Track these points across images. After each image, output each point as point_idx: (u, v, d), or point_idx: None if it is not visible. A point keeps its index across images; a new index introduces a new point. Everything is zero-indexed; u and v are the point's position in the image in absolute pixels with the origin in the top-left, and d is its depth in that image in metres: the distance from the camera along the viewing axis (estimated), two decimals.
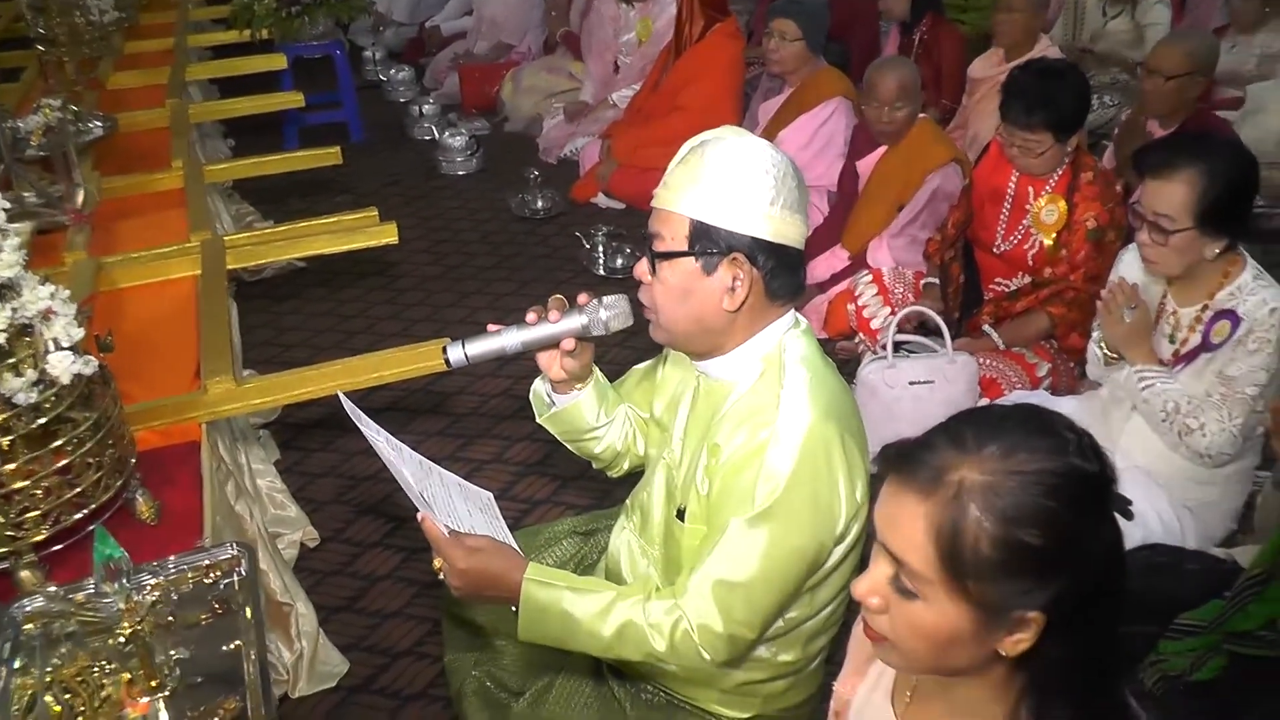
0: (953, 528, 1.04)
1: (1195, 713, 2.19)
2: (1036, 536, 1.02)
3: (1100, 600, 1.07)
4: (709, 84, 5.27)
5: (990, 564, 1.03)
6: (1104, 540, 1.06)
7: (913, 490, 1.07)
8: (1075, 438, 1.07)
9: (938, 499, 1.05)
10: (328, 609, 2.74)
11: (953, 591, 1.06)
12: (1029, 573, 1.03)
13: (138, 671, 1.46)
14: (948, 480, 1.05)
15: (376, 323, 4.34)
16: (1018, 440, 1.05)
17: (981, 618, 1.06)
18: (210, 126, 5.12)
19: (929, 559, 1.06)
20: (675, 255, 1.64)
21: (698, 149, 1.64)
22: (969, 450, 1.06)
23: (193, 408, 2.15)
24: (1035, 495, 1.02)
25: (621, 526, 1.98)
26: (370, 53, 7.57)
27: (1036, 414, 1.11)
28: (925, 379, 3.18)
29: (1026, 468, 1.03)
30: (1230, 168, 2.42)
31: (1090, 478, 1.05)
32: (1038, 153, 3.17)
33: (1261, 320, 2.44)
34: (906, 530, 1.07)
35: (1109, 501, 1.07)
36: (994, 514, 1.03)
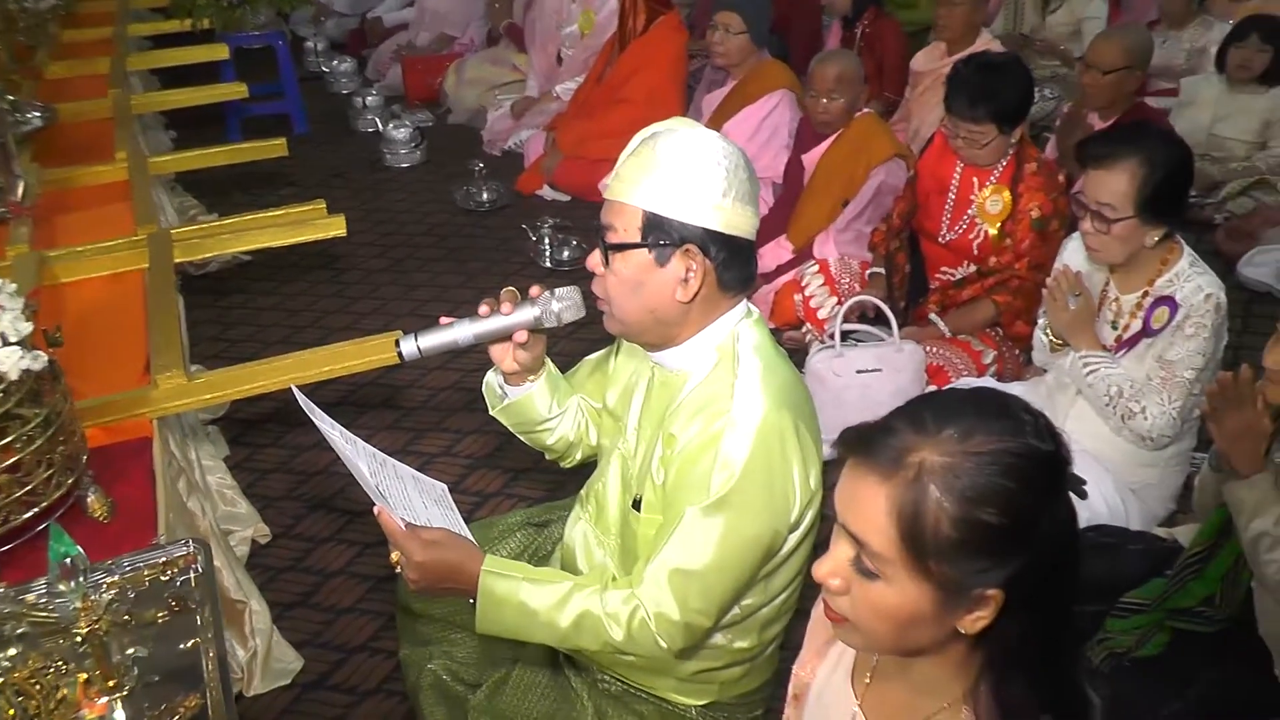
0: (913, 508, 1.06)
1: (1141, 688, 2.25)
2: (995, 516, 1.04)
3: (1056, 577, 1.10)
4: (653, 76, 5.29)
5: (950, 543, 1.05)
6: (1059, 519, 1.08)
7: (873, 472, 1.09)
8: (1032, 419, 1.09)
9: (898, 480, 1.07)
10: (281, 606, 2.72)
11: (914, 571, 1.07)
12: (988, 551, 1.05)
13: (94, 671, 1.44)
14: (908, 462, 1.07)
15: (324, 316, 4.30)
16: (976, 422, 1.07)
17: (942, 597, 1.08)
18: (151, 118, 5.04)
19: (890, 539, 1.08)
20: (628, 247, 1.64)
21: (649, 140, 1.65)
22: (929, 432, 1.08)
23: (143, 403, 2.12)
24: (994, 475, 1.04)
25: (576, 517, 1.98)
26: (312, 44, 7.49)
27: (994, 397, 1.13)
28: (873, 367, 3.23)
29: (985, 449, 1.05)
30: (1169, 158, 2.49)
31: (1047, 458, 1.07)
32: (982, 144, 3.22)
33: (1198, 306, 2.51)
34: (867, 511, 1.09)
35: (1064, 481, 1.10)
36: (954, 494, 1.05)
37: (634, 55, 5.32)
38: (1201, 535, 2.27)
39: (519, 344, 1.82)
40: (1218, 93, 4.71)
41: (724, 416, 1.63)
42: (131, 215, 2.96)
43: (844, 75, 3.81)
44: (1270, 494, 2.09)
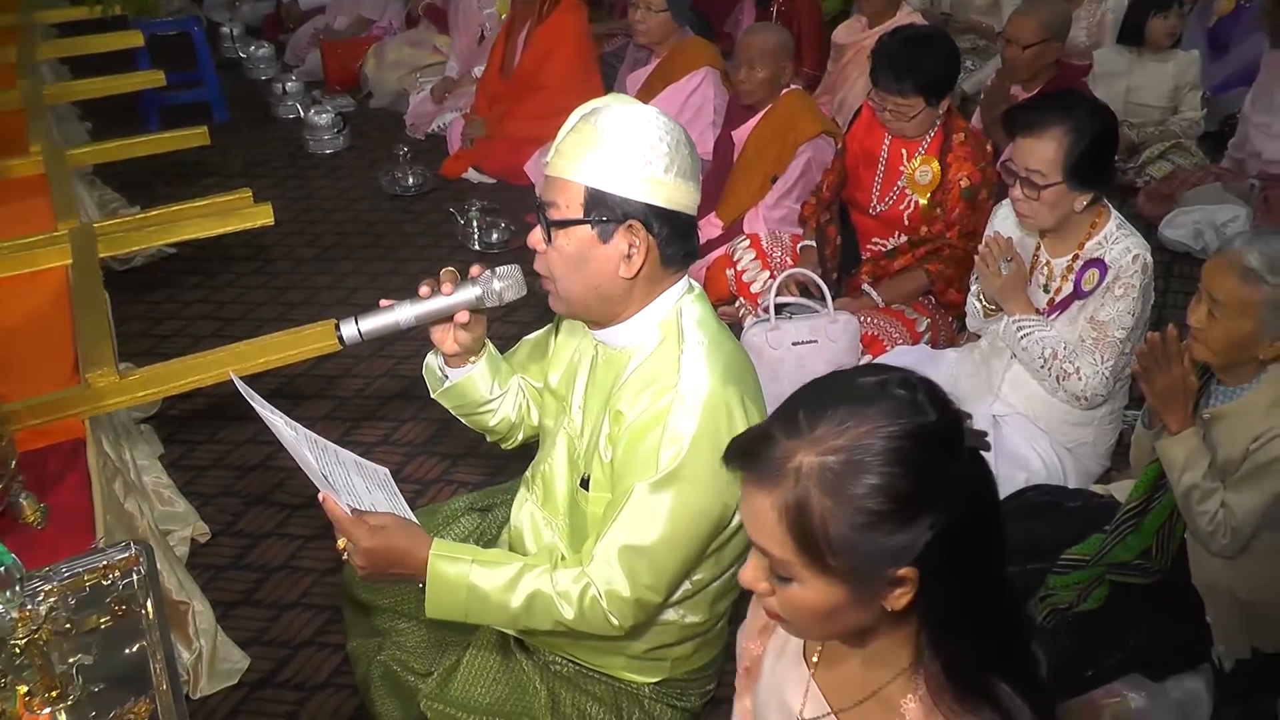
0: (799, 513, 1.06)
1: (1083, 641, 2.31)
2: (882, 503, 1.04)
3: (974, 540, 1.10)
4: (562, 59, 5.28)
5: (844, 539, 1.05)
6: (961, 482, 1.07)
7: (759, 484, 1.10)
8: (908, 393, 1.08)
9: (781, 489, 1.07)
10: (224, 604, 2.68)
11: (818, 572, 1.08)
12: (885, 537, 1.05)
13: (36, 682, 1.41)
14: (787, 469, 1.07)
15: (254, 308, 4.23)
16: (848, 413, 1.07)
17: (854, 587, 1.09)
18: (65, 109, 4.88)
19: (787, 546, 1.08)
20: (571, 223, 1.64)
21: (589, 117, 1.64)
22: (803, 434, 1.07)
23: (74, 404, 2.07)
24: (872, 465, 1.04)
25: (523, 499, 1.98)
26: (227, 29, 7.32)
27: (867, 381, 1.11)
28: (808, 339, 3.25)
29: (859, 440, 1.05)
30: (1094, 123, 2.54)
31: (929, 428, 1.07)
32: (910, 116, 3.24)
33: (1126, 267, 2.57)
34: (762, 523, 1.10)
35: (958, 445, 1.09)
36: (834, 492, 1.05)
37: (540, 41, 5.30)
38: (1137, 490, 2.33)
39: (460, 324, 1.81)
40: (1129, 62, 4.82)
41: (671, 391, 1.63)
42: (50, 210, 2.88)
43: (765, 48, 3.81)
44: (1199, 448, 2.15)
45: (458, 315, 1.79)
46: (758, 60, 3.81)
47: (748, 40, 3.88)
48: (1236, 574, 2.19)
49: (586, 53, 5.39)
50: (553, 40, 5.27)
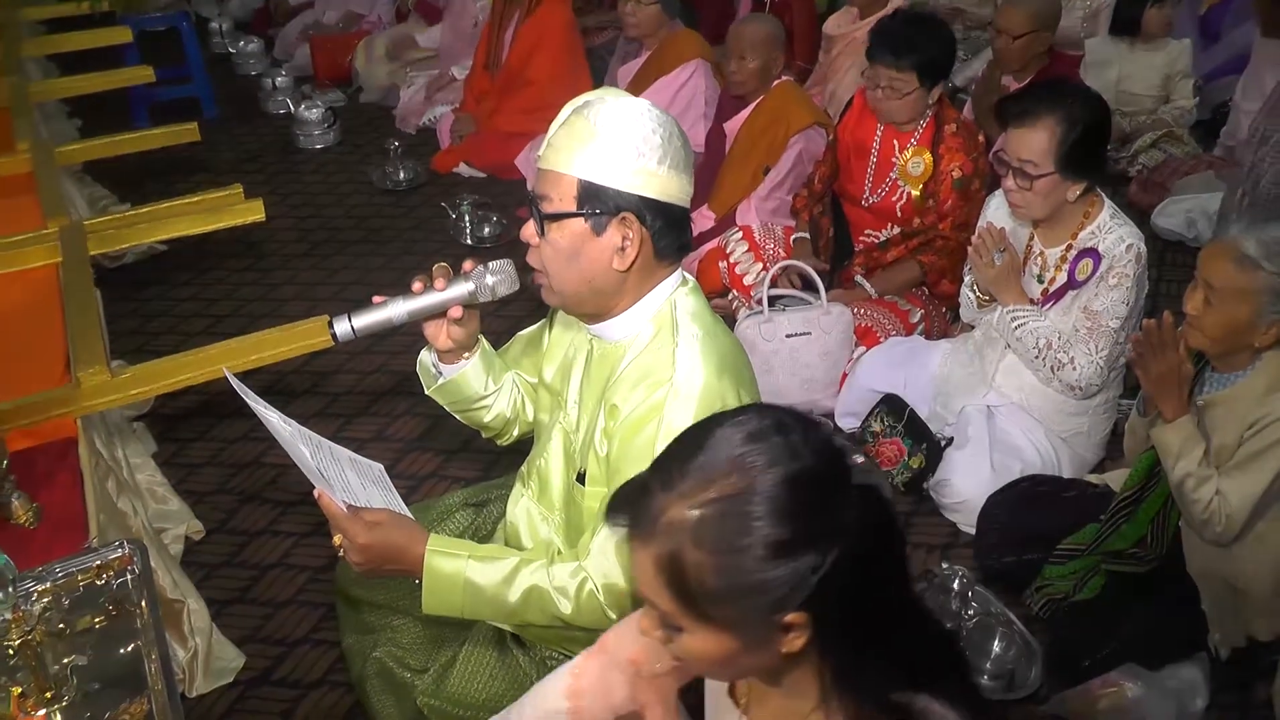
0: (674, 568, 1.05)
1: (1079, 631, 2.32)
2: (757, 553, 1.02)
3: (869, 574, 1.07)
4: (549, 53, 5.25)
5: (721, 592, 1.04)
6: (843, 521, 1.05)
7: (637, 539, 1.09)
8: (782, 438, 1.06)
9: (657, 544, 1.06)
10: (219, 603, 2.66)
11: (703, 623, 1.07)
12: (764, 587, 1.03)
13: (30, 683, 1.40)
14: (661, 524, 1.06)
15: (245, 304, 4.20)
16: (719, 463, 1.05)
17: (742, 635, 1.07)
18: (53, 106, 4.85)
19: (669, 600, 1.08)
20: (564, 216, 1.63)
21: (582, 110, 1.64)
22: (675, 487, 1.06)
23: (66, 403, 2.06)
24: (744, 516, 1.03)
25: (518, 495, 1.97)
26: (216, 24, 7.28)
27: (741, 428, 1.08)
28: (802, 331, 3.25)
29: (731, 491, 1.04)
30: (1086, 113, 2.54)
31: (804, 474, 1.05)
32: (904, 93, 3.22)
33: (1120, 256, 2.57)
34: (644, 579, 1.09)
35: (840, 484, 1.07)
36: (708, 546, 1.03)
37: (527, 36, 5.28)
38: (1132, 479, 2.33)
39: (453, 320, 1.80)
40: (1120, 51, 4.82)
41: (666, 385, 1.63)
42: (38, 208, 2.87)
43: (756, 38, 3.81)
44: (1194, 436, 2.15)
45: (451, 311, 1.78)
46: (749, 51, 3.81)
47: (739, 31, 3.89)
48: (1231, 562, 2.20)
49: (574, 46, 5.38)
50: (539, 35, 5.25)
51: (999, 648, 2.35)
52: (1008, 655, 2.35)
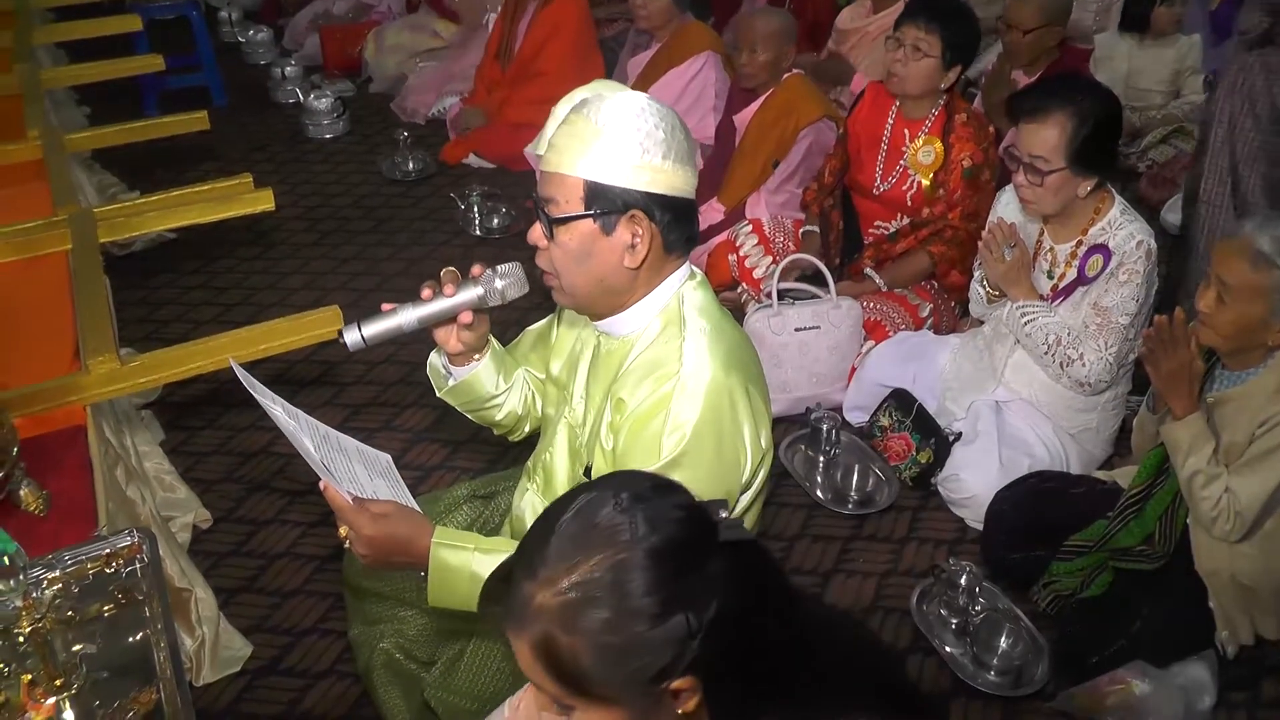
0: (548, 653, 1.06)
1: (1087, 627, 2.31)
2: (624, 630, 1.03)
3: (752, 625, 1.07)
4: (563, 44, 5.24)
5: (598, 670, 1.05)
6: (710, 582, 1.05)
7: (513, 629, 1.09)
8: (626, 518, 1.06)
9: (529, 632, 1.07)
10: (227, 592, 2.67)
11: (589, 702, 1.08)
12: (639, 660, 1.04)
13: (39, 671, 1.40)
14: (530, 611, 1.07)
15: (254, 293, 4.21)
16: (573, 548, 1.06)
17: (633, 706, 1.08)
18: (63, 94, 4.85)
19: (552, 685, 1.08)
20: (572, 219, 1.62)
21: (580, 109, 1.62)
22: (538, 576, 1.07)
23: (75, 390, 2.06)
24: (603, 598, 1.03)
25: (524, 489, 1.97)
26: (226, 13, 7.27)
27: (588, 511, 1.09)
28: (811, 325, 3.25)
29: (587, 575, 1.04)
30: (1098, 109, 2.53)
31: (666, 544, 1.05)
32: (925, 54, 3.21)
33: (1130, 253, 2.56)
34: (525, 665, 1.09)
35: (699, 546, 1.07)
36: (575, 629, 1.04)
37: (540, 27, 5.27)
38: (1140, 476, 2.33)
39: (463, 325, 1.80)
40: (1130, 46, 4.80)
41: (673, 379, 1.62)
42: (49, 195, 2.86)
43: (769, 30, 3.80)
44: (1204, 433, 2.15)
45: (461, 316, 1.78)
46: (759, 44, 3.80)
47: (750, 23, 3.87)
48: (1239, 559, 2.19)
49: (588, 38, 5.37)
50: (555, 25, 5.24)
51: (1006, 644, 2.36)
52: (1014, 651, 2.35)
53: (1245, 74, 2.96)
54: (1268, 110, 2.93)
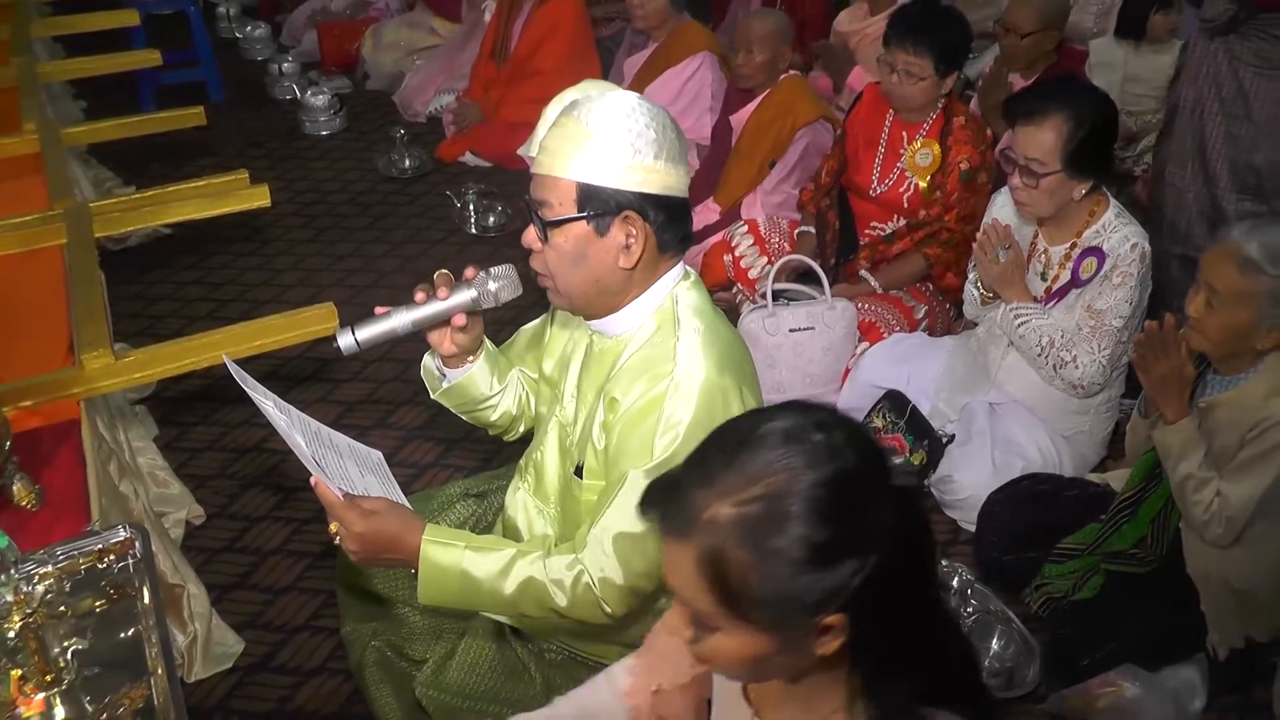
0: (715, 566, 1.03)
1: (1079, 630, 2.32)
2: (801, 553, 1.01)
3: (906, 578, 1.06)
4: (560, 42, 5.25)
5: (763, 592, 1.02)
6: (889, 524, 1.03)
7: (675, 536, 1.06)
8: (825, 437, 1.04)
9: (696, 541, 1.04)
10: (219, 588, 2.67)
11: (740, 623, 1.05)
12: (806, 587, 1.01)
13: (30, 665, 1.40)
14: (701, 521, 1.04)
15: (249, 289, 4.21)
16: (762, 461, 1.03)
17: (780, 636, 1.06)
18: (59, 87, 4.84)
19: (707, 599, 1.05)
20: (567, 221, 1.62)
21: (571, 110, 1.62)
22: (717, 484, 1.04)
23: (69, 384, 2.05)
24: (789, 515, 1.01)
25: (515, 487, 1.97)
26: (224, 9, 7.26)
27: (784, 425, 1.06)
28: (805, 326, 3.25)
29: (774, 489, 1.02)
30: (1093, 112, 2.54)
31: (848, 473, 1.03)
32: (918, 78, 3.21)
33: (1124, 255, 2.57)
34: (680, 576, 1.07)
35: (883, 486, 1.06)
36: (751, 545, 1.01)
37: (536, 26, 5.27)
38: (1133, 479, 2.33)
39: (457, 327, 1.80)
40: (1126, 53, 4.80)
41: (666, 379, 1.63)
42: (44, 189, 2.86)
43: (765, 31, 3.82)
44: (1195, 437, 2.15)
45: (455, 319, 1.77)
46: (756, 44, 3.81)
47: (746, 24, 3.89)
48: (1230, 563, 2.20)
49: (585, 36, 5.37)
50: (551, 24, 5.24)
51: (998, 646, 2.36)
52: (1006, 653, 2.35)
53: (1209, 61, 3.00)
54: (1233, 95, 2.97)
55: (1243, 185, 3.02)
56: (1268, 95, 2.92)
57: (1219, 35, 2.96)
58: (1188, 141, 3.09)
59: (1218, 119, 3.01)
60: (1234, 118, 2.99)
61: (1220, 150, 3.02)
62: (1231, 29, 2.92)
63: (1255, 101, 2.94)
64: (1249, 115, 2.96)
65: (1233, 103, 2.98)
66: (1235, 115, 2.98)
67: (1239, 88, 2.95)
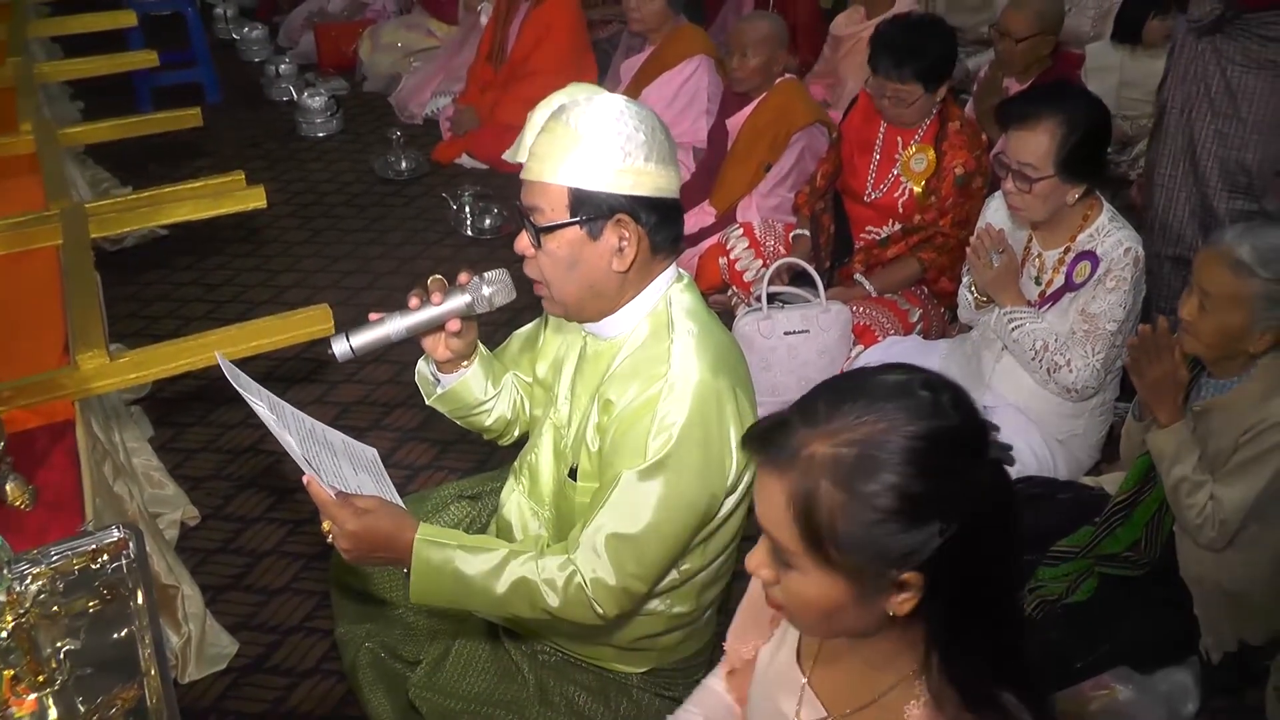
0: (807, 502, 1.05)
1: (1072, 633, 2.32)
2: (892, 502, 1.02)
3: (988, 547, 1.07)
4: (556, 43, 5.28)
5: (849, 535, 1.04)
6: (979, 490, 1.05)
7: (771, 468, 1.09)
8: (931, 394, 1.06)
9: (792, 475, 1.06)
10: (213, 589, 2.68)
11: (820, 563, 1.07)
12: (891, 537, 1.03)
13: (22, 666, 1.40)
14: (801, 455, 1.06)
15: (245, 290, 4.21)
16: (867, 407, 1.06)
17: (856, 584, 1.07)
18: (56, 88, 4.85)
19: (792, 535, 1.07)
20: (560, 226, 1.62)
21: (559, 115, 1.62)
22: (819, 423, 1.06)
23: (64, 385, 2.05)
24: (886, 462, 1.03)
25: (510, 489, 1.97)
26: (221, 10, 7.28)
27: (892, 378, 1.10)
28: (800, 328, 3.25)
29: (876, 435, 1.04)
30: (1087, 117, 2.54)
31: (948, 432, 1.05)
32: (909, 103, 3.24)
33: (1118, 259, 2.57)
34: (770, 508, 1.09)
35: (977, 452, 1.06)
36: (845, 486, 1.03)
37: (533, 26, 5.29)
38: (1127, 483, 2.34)
39: (452, 333, 1.80)
40: (1122, 57, 4.81)
41: (660, 380, 1.63)
42: (41, 189, 2.86)
43: (759, 35, 3.82)
44: (1189, 441, 2.16)
45: (449, 324, 1.78)
46: (750, 48, 3.81)
47: (740, 28, 3.90)
48: (1223, 567, 2.20)
49: (580, 37, 5.39)
50: (547, 25, 5.26)
51: None
52: None
53: (1197, 61, 3.02)
54: (1221, 94, 2.99)
55: (1234, 184, 3.04)
56: (1256, 93, 2.95)
57: (1205, 35, 2.98)
58: (1178, 142, 3.11)
59: (1207, 118, 3.03)
60: (1223, 116, 3.01)
61: (1210, 150, 3.04)
62: (1217, 28, 2.94)
63: (1243, 100, 2.96)
64: (1238, 114, 2.98)
65: (1221, 102, 3.00)
66: (1224, 114, 3.00)
67: (1227, 86, 2.97)
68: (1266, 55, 2.92)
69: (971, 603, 1.09)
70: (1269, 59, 2.93)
